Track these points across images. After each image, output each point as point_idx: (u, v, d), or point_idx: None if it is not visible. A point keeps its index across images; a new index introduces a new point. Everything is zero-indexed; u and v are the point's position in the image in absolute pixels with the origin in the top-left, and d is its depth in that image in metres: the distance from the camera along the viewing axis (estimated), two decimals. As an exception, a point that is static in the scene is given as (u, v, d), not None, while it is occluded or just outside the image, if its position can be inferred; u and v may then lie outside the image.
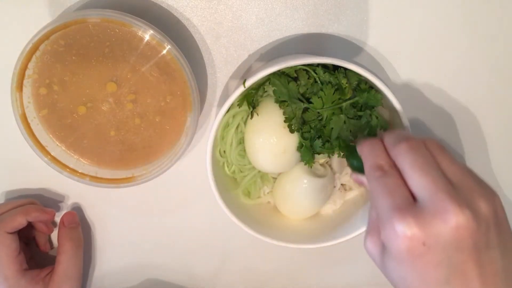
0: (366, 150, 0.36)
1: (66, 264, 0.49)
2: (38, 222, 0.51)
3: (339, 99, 0.42)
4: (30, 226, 0.49)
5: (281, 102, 0.43)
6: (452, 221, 0.29)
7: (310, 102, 0.43)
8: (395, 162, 0.34)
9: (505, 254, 0.31)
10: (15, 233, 0.48)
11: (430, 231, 0.29)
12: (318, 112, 0.43)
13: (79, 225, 0.52)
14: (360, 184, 0.42)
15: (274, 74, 0.43)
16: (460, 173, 0.32)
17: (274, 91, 0.43)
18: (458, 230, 0.29)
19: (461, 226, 0.29)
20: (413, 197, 0.31)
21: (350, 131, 0.43)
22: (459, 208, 0.29)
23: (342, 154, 0.44)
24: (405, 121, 0.42)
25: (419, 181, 0.31)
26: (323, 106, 0.42)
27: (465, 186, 0.31)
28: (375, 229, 0.34)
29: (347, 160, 0.43)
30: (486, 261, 0.30)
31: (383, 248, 0.32)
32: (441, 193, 0.30)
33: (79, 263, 0.51)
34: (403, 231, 0.29)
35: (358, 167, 0.40)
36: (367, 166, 0.35)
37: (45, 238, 0.53)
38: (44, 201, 0.53)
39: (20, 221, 0.47)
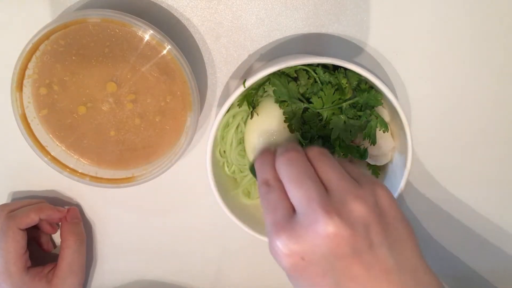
0: (257, 165, 0.37)
1: (70, 259, 0.50)
2: (48, 220, 0.51)
3: (339, 99, 0.42)
4: (33, 226, 0.50)
5: (281, 102, 0.43)
6: (323, 231, 0.29)
7: (310, 102, 0.43)
8: (279, 175, 0.34)
9: (394, 248, 0.30)
10: (25, 230, 0.48)
11: (306, 244, 0.29)
12: (318, 112, 0.43)
13: (81, 221, 0.53)
14: None
15: (274, 74, 0.43)
16: (336, 178, 0.32)
17: (274, 91, 0.43)
18: (331, 239, 0.29)
19: (333, 234, 0.29)
20: (294, 209, 0.32)
21: (350, 131, 0.43)
22: (328, 216, 0.29)
23: (342, 154, 0.44)
24: (405, 121, 0.42)
25: (294, 193, 0.32)
26: (323, 106, 0.42)
27: (339, 190, 0.31)
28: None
29: (250, 168, 0.43)
30: (372, 260, 0.29)
31: None
32: (313, 202, 0.30)
33: (83, 258, 0.51)
34: (282, 249, 0.30)
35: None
36: (258, 181, 0.36)
37: (47, 238, 0.54)
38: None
39: (33, 218, 0.48)
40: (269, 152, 0.37)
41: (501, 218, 0.54)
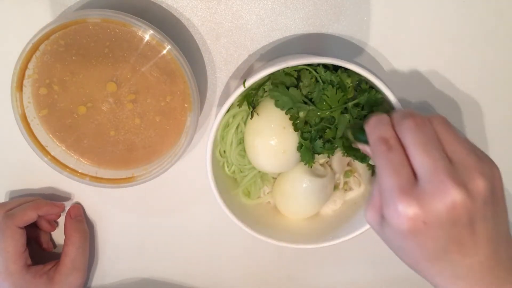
0: (373, 123, 0.36)
1: (74, 255, 0.50)
2: (47, 217, 0.51)
3: (343, 96, 0.42)
4: (31, 225, 0.49)
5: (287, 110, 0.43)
6: (449, 200, 0.31)
7: (313, 102, 0.43)
8: (400, 138, 0.34)
9: (497, 222, 0.33)
10: (23, 228, 0.48)
11: (430, 210, 0.31)
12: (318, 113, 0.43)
13: (84, 218, 0.53)
14: (367, 154, 0.42)
15: (271, 85, 0.43)
16: (461, 151, 0.33)
17: (276, 103, 0.43)
18: (454, 209, 0.31)
19: (458, 204, 0.31)
20: (415, 174, 0.33)
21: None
22: (456, 187, 0.31)
23: (345, 153, 0.44)
24: (405, 121, 0.42)
25: (420, 160, 0.32)
26: (330, 107, 0.42)
27: (464, 164, 0.32)
28: (377, 200, 0.35)
29: (351, 134, 0.42)
30: (480, 230, 0.32)
31: (383, 219, 0.34)
32: (441, 173, 0.31)
33: (86, 255, 0.51)
34: (405, 212, 0.31)
35: (364, 140, 0.40)
36: (372, 138, 0.36)
37: (47, 237, 0.54)
38: (44, 201, 0.53)
39: (31, 215, 0.48)
40: (384, 114, 0.37)
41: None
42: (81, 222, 0.52)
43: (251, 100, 0.44)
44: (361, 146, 0.41)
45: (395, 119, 0.36)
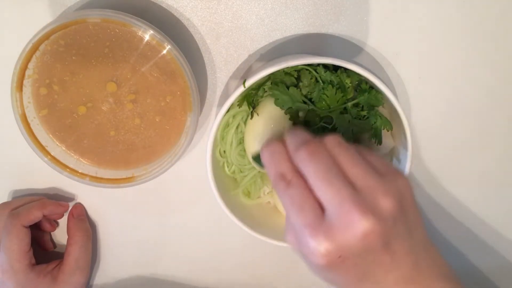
0: (267, 157, 0.35)
1: (77, 254, 0.50)
2: (50, 216, 0.51)
3: (342, 96, 0.42)
4: (32, 225, 0.50)
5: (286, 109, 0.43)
6: (359, 231, 0.30)
7: (313, 102, 0.43)
8: (299, 169, 0.33)
9: (411, 234, 0.33)
10: (28, 227, 0.48)
11: (342, 244, 0.30)
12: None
13: (86, 218, 0.53)
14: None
15: (271, 84, 0.43)
16: (361, 173, 0.32)
17: (276, 102, 0.43)
18: (366, 237, 0.30)
19: (369, 232, 0.30)
20: (321, 206, 0.32)
21: (352, 130, 0.44)
22: (365, 217, 0.30)
23: None
24: (405, 121, 0.42)
25: (323, 192, 0.31)
26: (329, 107, 0.42)
27: (367, 187, 0.32)
28: (292, 231, 0.34)
29: (254, 157, 0.42)
30: (396, 248, 0.32)
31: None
32: (346, 203, 0.30)
33: (89, 254, 0.52)
34: (318, 249, 0.31)
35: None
36: (270, 175, 0.34)
37: (48, 236, 0.54)
38: (44, 201, 0.53)
39: (36, 214, 0.48)
40: (278, 142, 0.36)
41: (501, 218, 0.54)
42: (84, 221, 0.52)
43: (251, 100, 0.44)
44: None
45: (289, 147, 0.34)
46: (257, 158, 0.41)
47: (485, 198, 0.53)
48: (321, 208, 0.32)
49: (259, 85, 0.44)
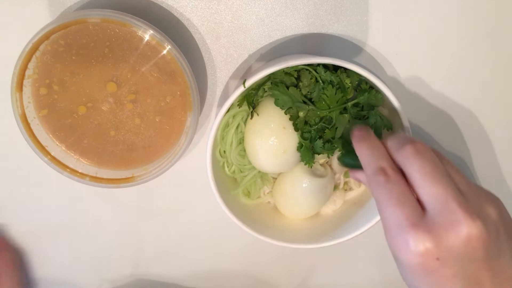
0: (366, 150, 0.34)
1: (9, 285, 0.49)
2: None
3: (342, 96, 0.42)
4: None
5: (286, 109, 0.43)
6: (464, 233, 0.28)
7: (313, 102, 0.43)
8: (401, 166, 0.32)
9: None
10: None
11: (443, 245, 0.29)
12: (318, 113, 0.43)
13: (9, 244, 0.52)
14: (359, 181, 0.40)
15: (271, 84, 0.43)
16: (465, 179, 0.31)
17: (276, 102, 0.43)
18: (470, 242, 0.28)
19: (473, 237, 0.28)
20: (420, 205, 0.30)
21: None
22: (471, 219, 0.28)
23: (345, 154, 0.44)
24: (405, 121, 0.42)
25: (429, 190, 0.30)
26: (329, 107, 0.42)
27: (472, 193, 0.30)
28: (386, 225, 0.32)
29: (340, 157, 0.41)
30: (499, 268, 0.29)
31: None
32: (452, 203, 0.29)
33: (21, 281, 0.51)
34: (416, 247, 0.29)
35: (352, 165, 0.38)
36: (368, 169, 0.33)
37: None
38: (44, 201, 0.53)
39: None
40: (375, 138, 0.34)
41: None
42: (6, 250, 0.51)
43: (251, 100, 0.44)
44: (352, 173, 0.38)
45: (392, 146, 0.33)
46: (343, 157, 0.40)
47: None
48: (421, 207, 0.30)
49: (259, 85, 0.44)
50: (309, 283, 0.58)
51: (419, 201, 0.30)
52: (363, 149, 0.34)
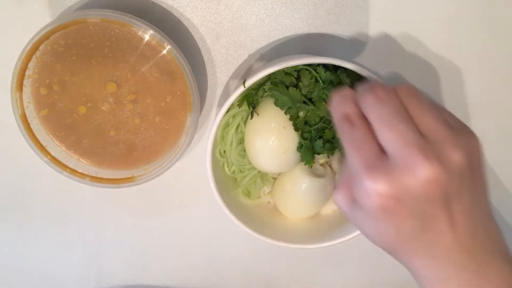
0: (336, 100, 0.34)
1: None
2: None
3: None
4: None
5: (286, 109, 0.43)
6: (421, 175, 0.29)
7: (313, 102, 0.43)
8: (364, 113, 0.32)
9: (476, 198, 0.31)
10: None
11: (401, 186, 0.29)
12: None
13: None
14: None
15: (271, 84, 0.43)
16: (432, 123, 0.31)
17: (275, 102, 0.43)
18: (428, 184, 0.29)
19: (431, 179, 0.29)
20: (383, 151, 0.31)
21: None
22: (428, 161, 0.29)
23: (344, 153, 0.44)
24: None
25: (387, 135, 0.30)
26: None
27: (437, 136, 0.30)
28: (346, 182, 0.33)
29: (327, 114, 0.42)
30: (456, 207, 0.30)
31: (354, 202, 0.32)
32: (410, 146, 0.29)
33: None
34: (374, 189, 0.29)
35: None
36: (335, 116, 0.34)
37: None
38: (44, 201, 0.53)
39: None
40: (348, 88, 0.35)
41: (501, 218, 0.54)
42: None
43: (251, 100, 0.44)
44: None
45: (358, 93, 0.33)
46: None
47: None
48: (382, 152, 0.30)
49: (259, 85, 0.44)
50: (309, 283, 0.58)
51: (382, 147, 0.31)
52: (334, 98, 0.34)
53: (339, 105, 0.34)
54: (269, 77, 0.44)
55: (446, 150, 0.30)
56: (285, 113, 0.43)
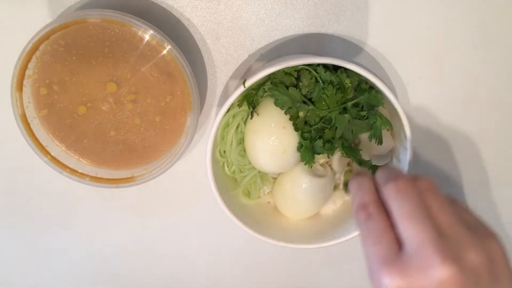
0: (354, 187, 0.35)
1: None
2: None
3: (342, 96, 0.42)
4: None
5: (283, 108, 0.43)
6: (436, 277, 0.29)
7: (313, 102, 0.43)
8: (384, 203, 0.33)
9: None
10: None
11: (415, 285, 0.29)
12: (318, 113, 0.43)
13: None
14: None
15: (270, 84, 0.43)
16: (450, 220, 0.31)
17: (275, 102, 0.43)
18: (442, 285, 0.29)
19: (445, 281, 0.29)
20: (399, 242, 0.31)
21: (352, 130, 0.44)
22: (444, 263, 0.29)
23: (345, 154, 0.44)
24: (405, 121, 0.42)
25: (406, 230, 0.31)
26: (329, 107, 0.42)
27: (454, 235, 0.30)
28: (366, 259, 0.33)
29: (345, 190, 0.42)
30: None
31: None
32: (428, 245, 0.29)
33: None
34: (388, 285, 0.29)
35: None
36: (353, 206, 0.34)
37: None
38: (44, 201, 0.53)
39: None
40: (366, 173, 0.35)
41: (501, 218, 0.54)
42: None
43: (251, 100, 0.44)
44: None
45: (378, 182, 0.34)
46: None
47: (485, 197, 0.53)
48: (399, 245, 0.31)
49: (259, 85, 0.44)
50: (309, 283, 0.58)
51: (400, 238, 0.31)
52: (352, 186, 0.35)
53: (356, 194, 0.34)
54: (269, 77, 0.44)
55: (463, 250, 0.30)
56: (285, 113, 0.43)
